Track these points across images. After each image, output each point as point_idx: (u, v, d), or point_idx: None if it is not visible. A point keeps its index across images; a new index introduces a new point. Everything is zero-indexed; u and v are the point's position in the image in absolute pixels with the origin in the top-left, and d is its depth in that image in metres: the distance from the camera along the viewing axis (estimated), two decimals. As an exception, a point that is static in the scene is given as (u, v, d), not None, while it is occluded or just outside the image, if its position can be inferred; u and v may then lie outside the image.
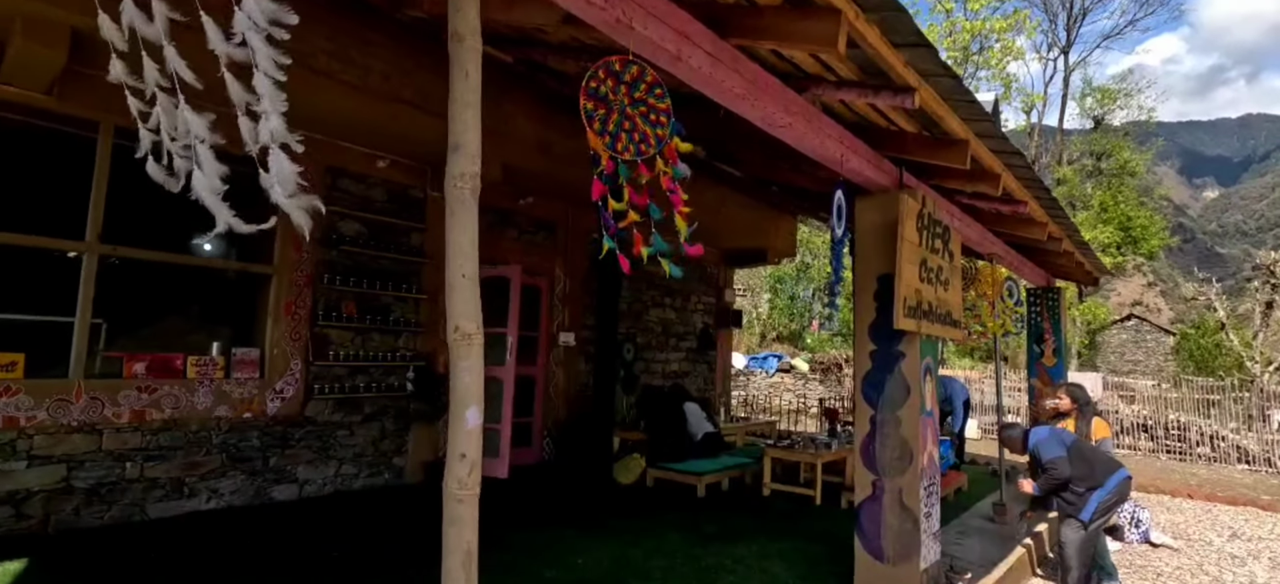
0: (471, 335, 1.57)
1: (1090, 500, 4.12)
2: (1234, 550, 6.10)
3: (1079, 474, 4.15)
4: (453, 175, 1.69)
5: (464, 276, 1.59)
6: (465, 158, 1.67)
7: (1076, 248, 6.41)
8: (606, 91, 2.18)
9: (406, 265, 6.46)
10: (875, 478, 3.82)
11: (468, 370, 1.60)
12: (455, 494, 1.63)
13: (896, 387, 3.79)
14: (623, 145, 2.24)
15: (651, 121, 2.22)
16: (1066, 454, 4.15)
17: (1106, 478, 4.16)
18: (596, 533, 4.81)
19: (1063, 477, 4.07)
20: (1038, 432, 4.51)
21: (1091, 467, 4.17)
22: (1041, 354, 7.91)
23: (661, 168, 2.37)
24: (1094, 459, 4.23)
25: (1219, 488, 9.10)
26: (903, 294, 3.49)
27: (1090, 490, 4.13)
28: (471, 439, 1.58)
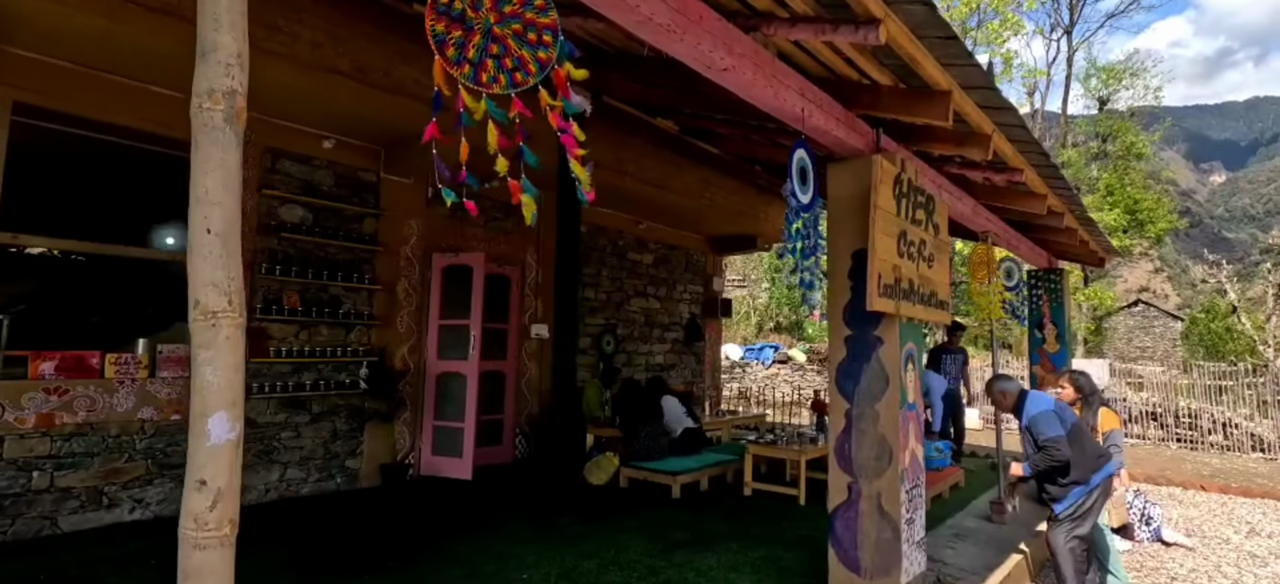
0: (219, 315, 1.13)
1: (1069, 495, 3.76)
2: (1254, 549, 5.64)
3: (1072, 460, 3.77)
4: (198, 93, 1.23)
5: (210, 233, 1.14)
6: (216, 68, 1.21)
7: (1080, 224, 5.93)
8: (463, 7, 1.72)
9: (358, 254, 6.03)
10: (851, 480, 3.37)
11: (211, 363, 1.15)
12: (192, 538, 1.18)
13: (874, 377, 3.33)
14: (489, 75, 1.78)
15: (531, 42, 1.77)
16: (1067, 434, 3.72)
17: (1091, 475, 3.77)
18: (551, 541, 4.38)
19: (1062, 458, 3.64)
20: (1037, 399, 4.04)
21: (1083, 455, 3.77)
22: (1044, 340, 7.43)
23: (548, 102, 1.91)
24: (1085, 448, 3.82)
25: (1234, 479, 8.62)
26: (877, 270, 3.04)
27: (1073, 484, 3.77)
28: (218, 460, 1.13)
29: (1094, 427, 4.42)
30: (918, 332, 3.53)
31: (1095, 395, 4.52)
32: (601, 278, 8.54)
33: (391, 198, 6.23)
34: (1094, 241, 6.63)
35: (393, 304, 6.22)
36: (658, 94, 5.09)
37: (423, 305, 6.47)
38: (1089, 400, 4.46)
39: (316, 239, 5.70)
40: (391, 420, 6.06)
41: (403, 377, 6.22)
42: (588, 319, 8.30)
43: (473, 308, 6.38)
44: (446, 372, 6.43)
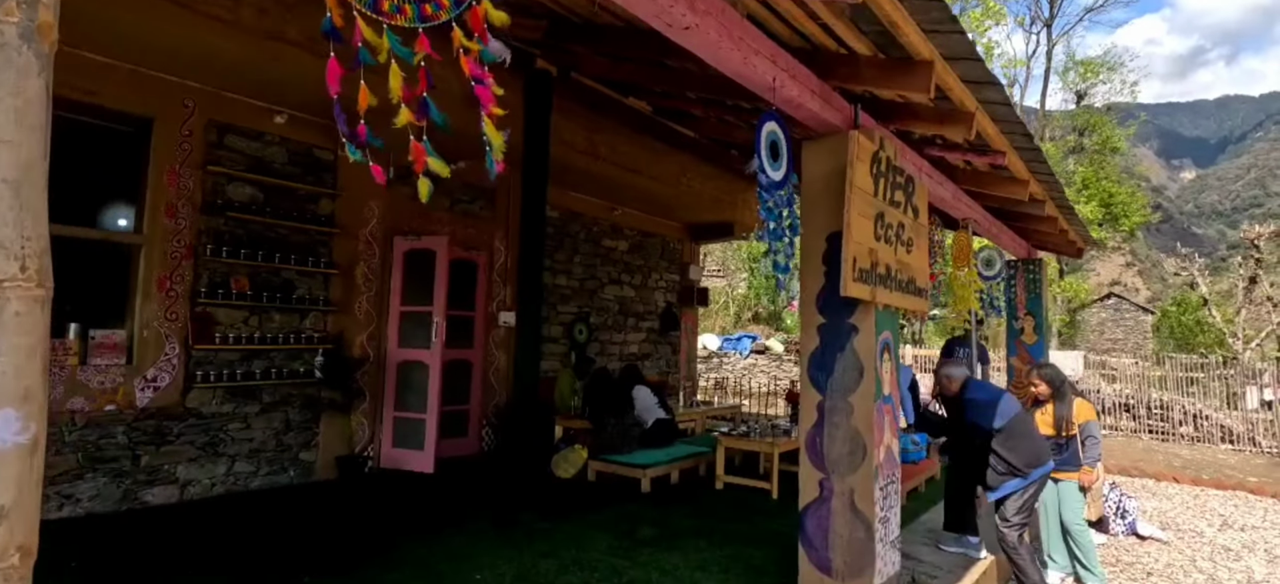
0: (6, 285, 0.87)
1: (1004, 486, 3.92)
2: (1227, 542, 5.60)
3: (1006, 448, 3.90)
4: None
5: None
6: (3, -32, 0.94)
7: (1061, 212, 5.80)
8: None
9: (313, 236, 5.71)
10: (822, 476, 3.18)
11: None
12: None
13: (848, 368, 3.14)
14: (391, 3, 1.53)
15: (444, -27, 1.52)
16: (1006, 427, 3.93)
17: (1030, 471, 3.88)
18: (511, 539, 4.15)
19: (981, 430, 3.95)
20: (981, 387, 4.34)
21: (1018, 449, 3.90)
22: (1022, 331, 7.35)
23: (462, 43, 1.67)
24: (1022, 443, 3.93)
25: (1205, 470, 8.67)
26: (852, 253, 2.83)
27: (1010, 474, 3.90)
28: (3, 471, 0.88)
29: (1069, 419, 4.34)
30: (894, 320, 3.34)
31: (1067, 386, 4.45)
32: (574, 265, 8.29)
33: (350, 177, 5.91)
34: (1073, 231, 6.53)
35: (351, 289, 5.92)
36: (626, 69, 4.84)
37: (383, 291, 6.17)
38: (1061, 393, 4.38)
39: (268, 219, 5.37)
40: (349, 411, 5.78)
41: (361, 365, 5.93)
42: (560, 307, 8.06)
43: (436, 294, 6.10)
44: (408, 360, 6.15)
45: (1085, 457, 4.38)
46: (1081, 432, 4.42)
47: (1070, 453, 4.42)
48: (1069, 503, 4.40)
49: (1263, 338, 14.22)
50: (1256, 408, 11.29)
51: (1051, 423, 4.36)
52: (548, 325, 7.92)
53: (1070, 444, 4.42)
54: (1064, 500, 4.42)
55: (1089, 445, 4.36)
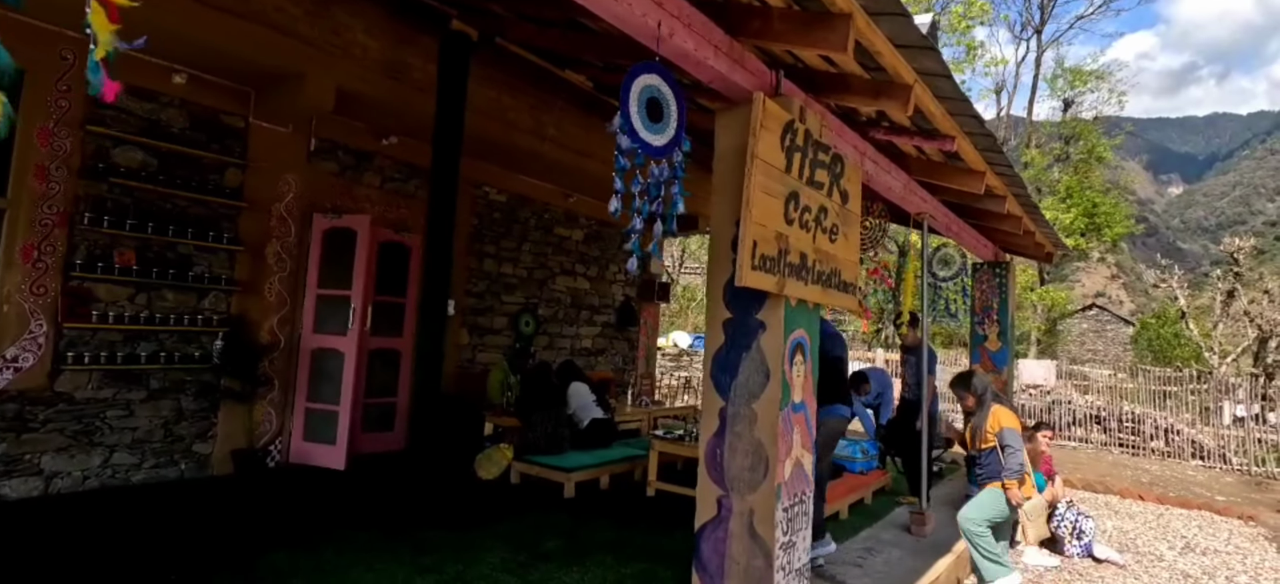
0: None
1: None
2: (1187, 567, 5.26)
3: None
4: None
5: None
6: None
7: (1025, 211, 5.44)
8: None
9: (217, 209, 5.24)
10: (721, 493, 2.78)
11: None
12: None
13: (753, 370, 2.74)
14: None
15: None
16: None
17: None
18: (394, 551, 3.72)
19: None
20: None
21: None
22: (985, 338, 7.00)
23: None
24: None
25: (1172, 487, 8.37)
26: (752, 236, 2.42)
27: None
28: None
29: (981, 430, 4.14)
30: (813, 318, 2.94)
31: (988, 396, 4.23)
32: (522, 253, 7.85)
33: (263, 147, 5.44)
34: (1041, 233, 6.17)
35: (260, 268, 5.45)
36: (552, 35, 4.40)
37: (299, 272, 5.71)
38: (982, 402, 4.17)
39: (162, 188, 4.90)
40: (251, 400, 5.31)
41: (269, 351, 5.46)
42: (505, 297, 7.62)
43: (355, 277, 5.65)
44: (324, 348, 5.70)
45: (1004, 469, 4.05)
46: (999, 440, 4.10)
47: (989, 466, 4.16)
48: (976, 502, 4.16)
49: (1238, 354, 14.03)
50: (1229, 424, 11.05)
51: (968, 434, 4.11)
52: (490, 316, 7.48)
53: (988, 456, 4.13)
54: (972, 501, 4.18)
55: (1007, 456, 4.05)
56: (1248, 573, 5.24)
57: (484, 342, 7.38)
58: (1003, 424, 4.17)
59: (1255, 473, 9.84)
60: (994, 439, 4.15)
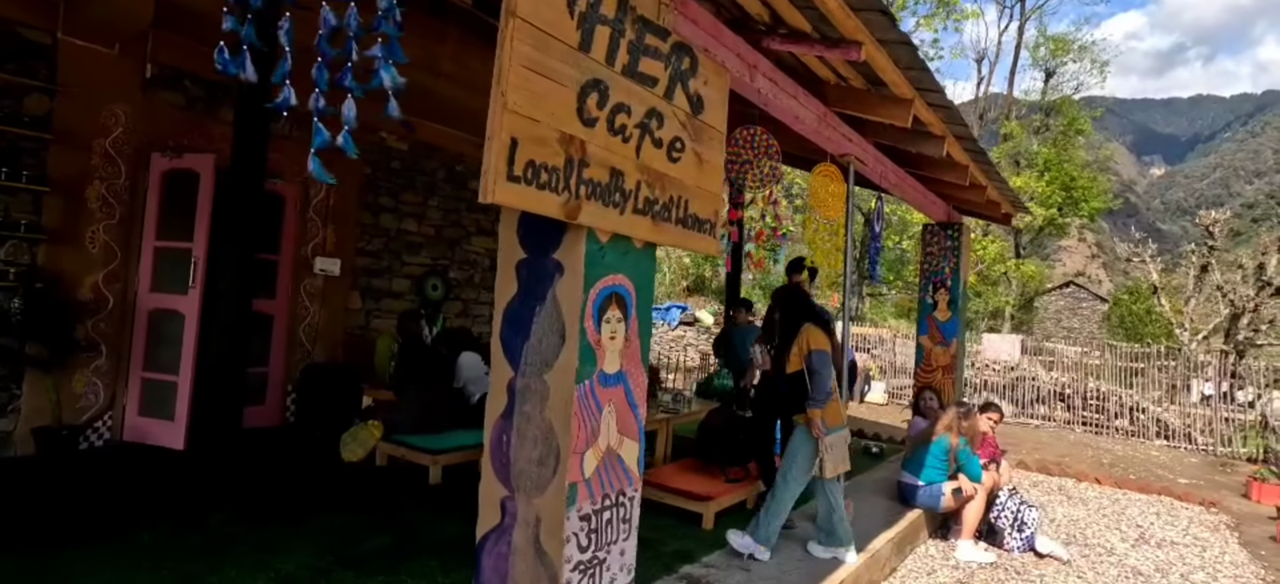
0: None
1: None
2: (1139, 561, 4.69)
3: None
4: None
5: None
6: None
7: (972, 160, 4.73)
8: None
9: (16, 142, 4.38)
10: (506, 494, 2.07)
11: None
12: None
13: (547, 328, 2.02)
14: None
15: None
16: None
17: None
18: (161, 551, 3.01)
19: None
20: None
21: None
22: (934, 306, 6.35)
23: None
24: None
25: (1133, 468, 7.87)
26: (507, 130, 1.67)
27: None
28: None
29: (788, 354, 3.67)
30: (642, 261, 2.21)
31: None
32: (429, 209, 7.04)
33: (78, 70, 4.57)
34: (993, 188, 5.48)
35: (78, 214, 4.63)
36: None
37: (132, 220, 4.89)
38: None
39: (-65, 113, 4.04)
40: (61, 369, 4.51)
41: (90, 312, 4.66)
42: (407, 257, 6.83)
43: (197, 226, 4.83)
44: (163, 309, 4.90)
45: (810, 398, 3.51)
46: (806, 365, 3.46)
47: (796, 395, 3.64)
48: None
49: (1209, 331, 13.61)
50: (1197, 403, 10.60)
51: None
52: (389, 278, 6.70)
53: (795, 382, 3.61)
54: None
55: (814, 382, 3.48)
56: (1205, 569, 4.68)
57: (380, 306, 6.61)
58: (813, 346, 3.49)
59: (1221, 454, 9.40)
60: (802, 362, 3.48)
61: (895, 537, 4.15)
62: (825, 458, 3.45)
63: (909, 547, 4.46)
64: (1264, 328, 13.13)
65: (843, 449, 3.56)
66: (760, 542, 3.49)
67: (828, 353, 3.47)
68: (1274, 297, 12.06)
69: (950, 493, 4.60)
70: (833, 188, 3.87)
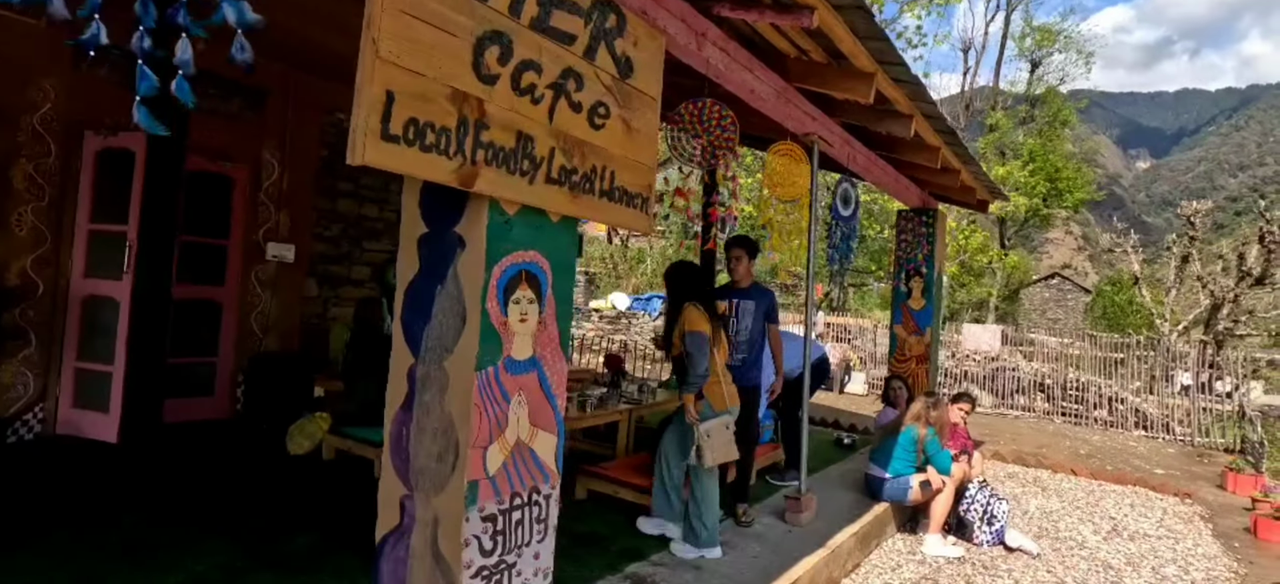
0: None
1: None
2: (1110, 555, 4.58)
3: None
4: None
5: None
6: None
7: (943, 141, 4.56)
8: None
9: (-69, 116, 4.13)
10: (405, 493, 1.88)
11: None
12: None
13: (448, 310, 1.83)
14: None
15: None
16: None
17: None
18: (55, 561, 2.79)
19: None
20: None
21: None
22: (908, 295, 6.20)
23: None
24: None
25: (1110, 459, 7.80)
26: (380, 82, 1.47)
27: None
28: None
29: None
30: (558, 236, 2.02)
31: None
32: (391, 193, 6.80)
33: (1, 43, 4.30)
34: (967, 172, 5.32)
35: (4, 196, 4.37)
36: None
37: (62, 202, 4.63)
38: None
39: None
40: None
41: (19, 299, 4.42)
42: (367, 243, 6.60)
43: (131, 207, 4.58)
44: (98, 295, 4.66)
45: (685, 380, 3.34)
46: (683, 346, 3.32)
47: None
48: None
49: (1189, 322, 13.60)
50: (1178, 393, 10.56)
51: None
52: (347, 265, 6.48)
53: (680, 364, 3.47)
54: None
55: (689, 364, 3.29)
56: (1177, 562, 4.58)
57: (339, 294, 6.38)
58: (688, 326, 3.31)
59: (1198, 444, 9.37)
60: (681, 344, 3.35)
61: (859, 531, 4.00)
62: (702, 446, 3.20)
63: (875, 541, 4.32)
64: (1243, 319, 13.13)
65: (725, 437, 3.30)
66: (704, 544, 3.31)
67: (704, 335, 3.24)
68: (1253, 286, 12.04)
69: (918, 486, 4.46)
70: (794, 168, 3.69)
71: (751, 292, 3.91)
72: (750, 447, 3.92)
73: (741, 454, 3.61)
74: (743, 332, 3.83)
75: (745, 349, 3.83)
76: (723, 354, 3.41)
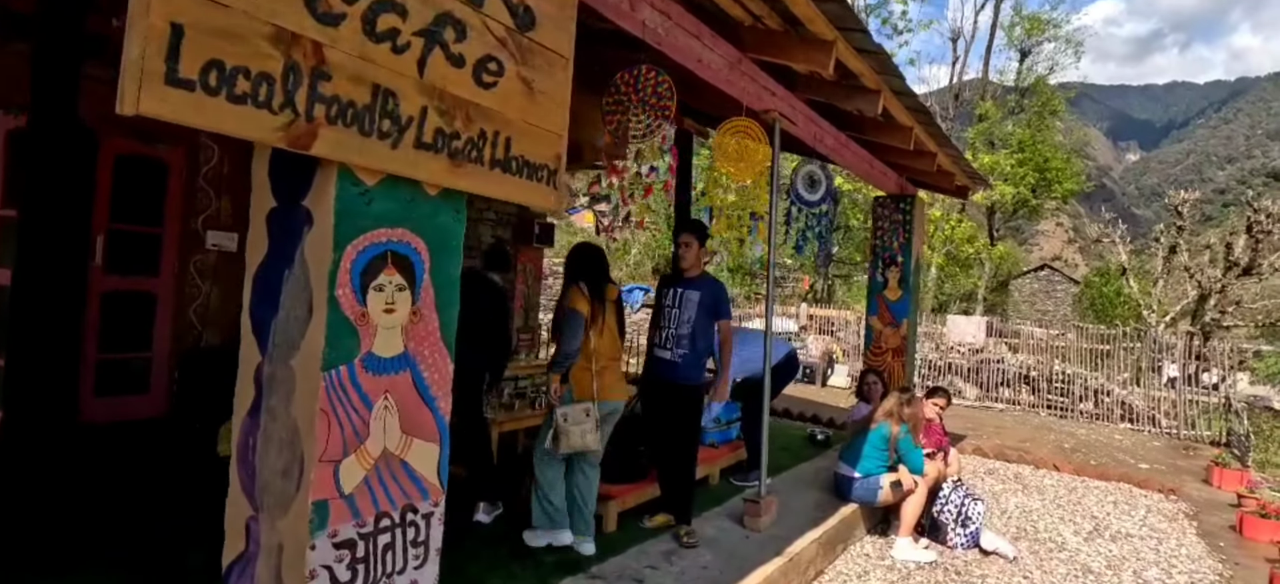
0: None
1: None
2: (1091, 558, 4.36)
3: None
4: None
5: None
6: None
7: (916, 121, 4.30)
8: None
9: None
10: (251, 514, 1.59)
11: None
12: None
13: (296, 297, 1.54)
14: None
15: None
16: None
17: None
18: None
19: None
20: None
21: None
22: (885, 285, 5.95)
23: None
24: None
25: (1095, 453, 7.60)
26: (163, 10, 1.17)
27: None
28: None
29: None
30: (437, 213, 1.72)
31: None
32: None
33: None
34: (944, 155, 5.06)
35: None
36: None
37: (-30, 185, 4.29)
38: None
39: None
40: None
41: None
42: (319, 232, 6.27)
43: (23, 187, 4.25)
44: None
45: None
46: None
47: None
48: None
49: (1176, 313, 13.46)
50: (1165, 385, 10.39)
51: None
52: (298, 254, 6.14)
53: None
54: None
55: (556, 342, 3.19)
56: (1160, 564, 4.36)
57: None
58: (567, 304, 3.16)
59: (1184, 437, 9.20)
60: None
61: (823, 536, 3.75)
62: (558, 430, 2.99)
63: (842, 545, 4.07)
64: (1230, 309, 13.01)
65: (584, 427, 3.04)
66: (558, 526, 3.13)
67: (579, 314, 3.04)
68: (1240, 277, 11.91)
69: (888, 486, 4.21)
70: (751, 148, 3.40)
71: (698, 282, 3.49)
72: (686, 454, 3.56)
73: (678, 463, 3.32)
74: (683, 325, 3.42)
75: (687, 345, 3.42)
76: (608, 345, 3.17)
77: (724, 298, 3.51)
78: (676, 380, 3.28)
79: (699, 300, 3.42)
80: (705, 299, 3.44)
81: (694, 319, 3.42)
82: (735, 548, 3.43)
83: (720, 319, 3.51)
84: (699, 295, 3.44)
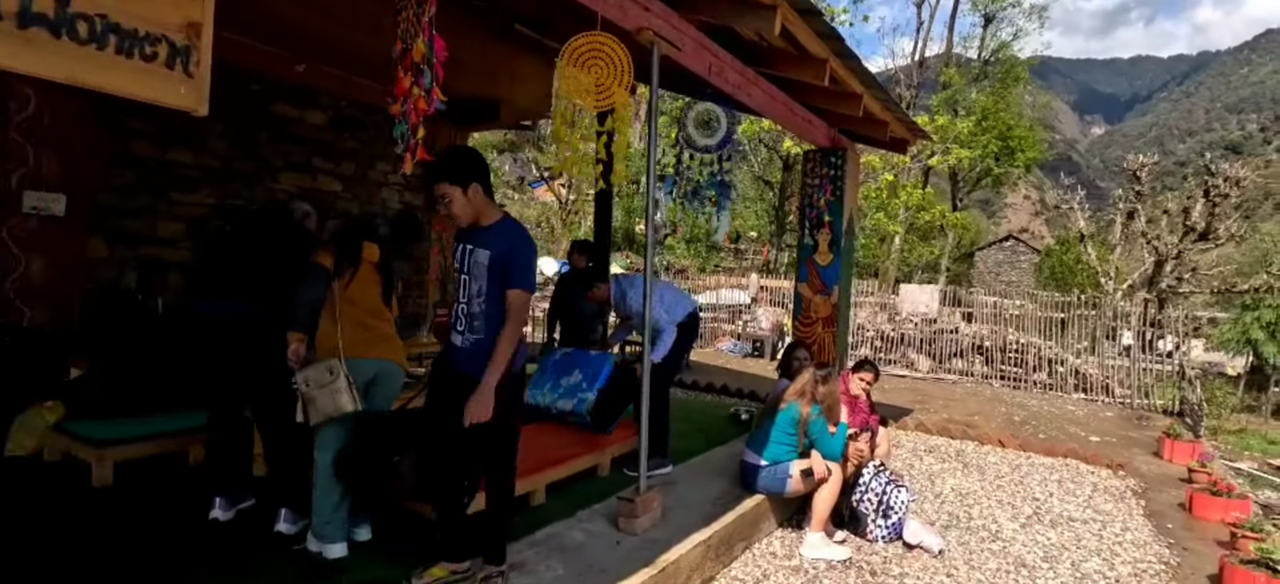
0: None
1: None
2: (1025, 549, 3.89)
3: None
4: None
5: None
6: None
7: (831, 54, 3.68)
8: None
9: None
10: None
11: None
12: None
13: None
14: None
15: None
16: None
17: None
18: None
19: None
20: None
21: None
22: (814, 248, 5.39)
23: None
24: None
25: (1044, 425, 7.24)
26: None
27: None
28: None
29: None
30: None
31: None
32: (212, 135, 5.68)
33: None
34: (872, 99, 4.47)
35: None
36: None
37: None
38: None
39: None
40: None
41: None
42: (176, 194, 5.48)
43: None
44: None
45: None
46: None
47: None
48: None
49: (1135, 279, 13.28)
50: (1119, 354, 10.12)
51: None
52: (152, 220, 5.36)
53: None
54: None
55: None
56: (1101, 553, 3.92)
57: (139, 255, 5.28)
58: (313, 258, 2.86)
59: (1138, 406, 8.93)
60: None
61: (713, 537, 3.19)
62: (303, 397, 2.56)
63: (743, 544, 3.53)
64: (1187, 276, 12.85)
65: (334, 390, 2.55)
66: (324, 539, 2.65)
67: (319, 269, 2.70)
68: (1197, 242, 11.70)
69: (798, 474, 3.67)
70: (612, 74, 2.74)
71: (488, 233, 2.46)
72: (500, 470, 2.61)
73: (489, 477, 2.58)
74: (475, 298, 2.42)
75: (482, 325, 2.42)
76: (362, 296, 2.74)
77: (522, 255, 2.44)
78: (461, 369, 2.43)
79: (489, 261, 2.40)
80: (496, 259, 2.41)
81: (486, 288, 2.41)
82: (597, 557, 2.84)
83: (510, 287, 2.42)
84: (489, 254, 2.41)
